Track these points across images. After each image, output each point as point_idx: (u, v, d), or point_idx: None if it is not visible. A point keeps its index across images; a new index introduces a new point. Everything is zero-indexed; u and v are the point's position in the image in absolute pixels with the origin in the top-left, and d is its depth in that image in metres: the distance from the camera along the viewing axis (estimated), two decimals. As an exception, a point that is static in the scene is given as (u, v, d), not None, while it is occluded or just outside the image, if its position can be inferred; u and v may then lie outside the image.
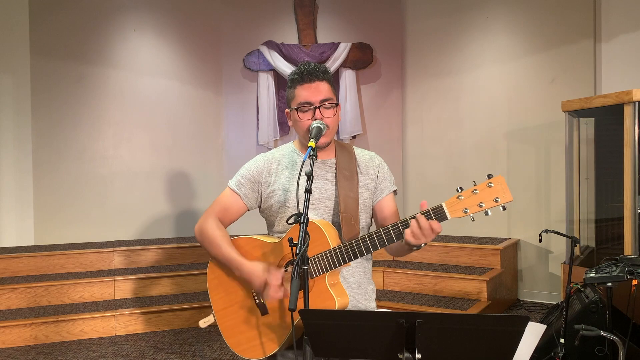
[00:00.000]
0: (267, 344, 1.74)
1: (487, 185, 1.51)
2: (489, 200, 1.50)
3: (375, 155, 1.95)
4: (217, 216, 1.89)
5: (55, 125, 5.11)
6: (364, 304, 1.84)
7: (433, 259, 4.88)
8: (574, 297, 3.05)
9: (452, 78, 5.40)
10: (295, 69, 1.83)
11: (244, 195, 1.88)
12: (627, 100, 3.60)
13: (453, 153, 5.41)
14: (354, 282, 1.82)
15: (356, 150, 1.92)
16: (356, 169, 1.86)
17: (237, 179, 1.90)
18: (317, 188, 1.79)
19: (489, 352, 1.27)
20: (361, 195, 1.83)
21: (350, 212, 1.77)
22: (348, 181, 1.81)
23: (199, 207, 5.56)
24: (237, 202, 1.89)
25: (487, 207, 1.50)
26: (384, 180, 1.90)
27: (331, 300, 1.64)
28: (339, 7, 5.59)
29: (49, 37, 5.08)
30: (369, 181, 1.87)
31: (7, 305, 4.24)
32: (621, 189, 3.68)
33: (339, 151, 1.88)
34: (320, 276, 1.67)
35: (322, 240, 1.66)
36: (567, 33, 4.76)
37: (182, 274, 4.73)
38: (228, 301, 1.84)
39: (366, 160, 1.90)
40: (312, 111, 1.76)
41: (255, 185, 1.88)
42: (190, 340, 4.09)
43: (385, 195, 1.88)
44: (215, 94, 5.63)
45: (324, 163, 1.85)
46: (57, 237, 5.10)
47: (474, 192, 1.52)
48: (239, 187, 1.89)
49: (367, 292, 1.86)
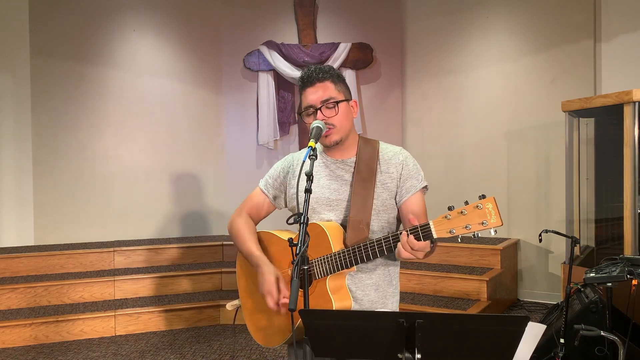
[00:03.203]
0: (276, 336, 1.81)
1: (475, 206, 1.43)
2: (476, 223, 1.43)
3: (400, 151, 1.84)
4: (248, 212, 1.95)
5: (55, 125, 5.11)
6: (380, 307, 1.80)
7: (433, 259, 4.88)
8: (574, 297, 3.05)
9: (452, 78, 5.40)
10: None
11: (271, 196, 1.93)
12: (627, 100, 3.60)
13: (453, 153, 5.41)
14: (371, 285, 1.78)
15: (381, 147, 1.84)
16: (376, 168, 1.79)
17: (265, 179, 1.95)
18: (334, 190, 1.78)
19: (489, 352, 1.27)
20: (378, 196, 1.76)
21: (360, 216, 1.73)
22: (364, 181, 1.76)
23: (199, 207, 5.56)
24: (265, 202, 1.94)
25: (474, 230, 1.44)
26: (409, 178, 1.78)
27: (329, 304, 1.66)
28: (339, 7, 5.59)
29: (49, 37, 5.08)
30: (389, 180, 1.78)
31: (7, 305, 4.24)
32: (621, 189, 3.68)
33: (363, 148, 1.82)
34: (322, 278, 1.69)
35: (325, 245, 1.68)
36: (567, 33, 4.76)
37: (182, 274, 4.74)
38: (248, 290, 1.93)
39: (389, 158, 1.81)
40: (315, 113, 1.76)
41: (282, 186, 1.91)
42: (190, 340, 4.09)
43: (411, 194, 1.77)
44: (215, 94, 5.63)
45: (344, 163, 1.82)
46: (57, 237, 5.10)
47: (461, 212, 1.44)
48: (267, 187, 1.93)
49: (385, 295, 1.81)
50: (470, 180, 5.28)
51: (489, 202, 1.42)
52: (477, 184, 5.15)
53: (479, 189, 3.84)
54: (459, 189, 5.30)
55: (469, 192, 4.87)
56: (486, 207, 1.42)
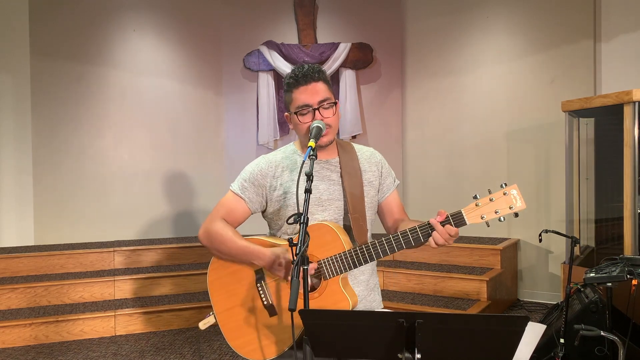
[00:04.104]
0: (277, 344, 1.76)
1: (503, 193, 1.60)
2: (505, 207, 1.59)
3: (374, 150, 1.96)
4: (222, 218, 1.87)
5: (55, 125, 5.11)
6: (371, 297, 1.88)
7: (433, 259, 4.88)
8: (574, 297, 3.05)
9: (452, 78, 5.40)
10: (289, 72, 1.81)
11: (248, 200, 1.86)
12: (627, 100, 3.60)
13: (453, 153, 5.41)
14: (364, 280, 1.84)
15: (356, 147, 1.93)
16: (359, 167, 1.86)
17: (240, 183, 1.87)
18: (325, 189, 1.80)
19: (489, 352, 1.27)
20: (367, 194, 1.85)
21: (359, 212, 1.78)
22: (353, 180, 1.82)
23: (199, 207, 5.56)
24: (241, 206, 1.86)
25: (502, 214, 1.60)
26: (388, 176, 1.92)
27: (345, 301, 1.67)
28: (339, 7, 5.59)
29: (49, 37, 5.08)
30: (373, 178, 1.89)
31: (7, 305, 4.24)
32: (621, 189, 3.68)
33: (341, 150, 1.88)
34: (333, 278, 1.70)
35: (336, 243, 1.69)
36: (567, 33, 4.76)
37: (182, 274, 4.74)
38: (231, 303, 1.84)
39: (368, 157, 1.91)
40: (312, 113, 1.75)
41: (260, 190, 1.85)
42: (190, 340, 4.09)
43: (391, 192, 1.92)
44: (215, 94, 5.63)
45: (329, 163, 1.85)
46: (57, 237, 5.10)
47: (490, 199, 1.60)
48: (243, 191, 1.86)
49: (374, 286, 1.91)
50: (470, 180, 5.27)
51: (513, 189, 1.60)
52: (477, 184, 5.15)
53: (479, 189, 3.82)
54: (459, 189, 5.30)
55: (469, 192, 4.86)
56: (511, 193, 1.59)
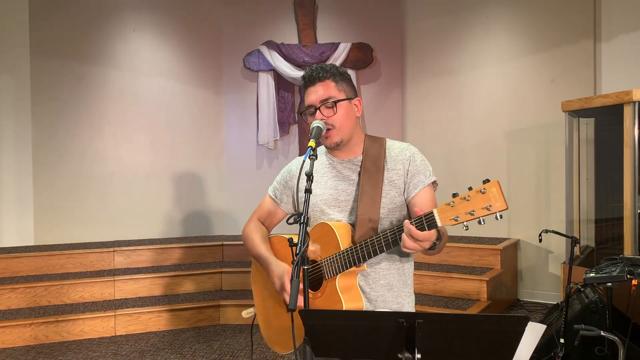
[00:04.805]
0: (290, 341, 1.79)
1: (479, 191, 1.38)
2: (480, 208, 1.37)
3: (407, 147, 1.83)
4: (258, 219, 1.97)
5: (55, 125, 5.11)
6: (395, 308, 1.76)
7: (433, 259, 4.88)
8: (574, 297, 3.05)
9: (452, 78, 5.40)
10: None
11: (279, 201, 1.93)
12: (627, 100, 3.60)
13: (453, 153, 5.41)
14: (385, 285, 1.75)
15: (388, 144, 1.83)
16: (383, 166, 1.76)
17: (274, 185, 1.96)
18: (342, 190, 1.77)
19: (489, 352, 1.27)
20: (386, 194, 1.74)
21: (369, 214, 1.70)
22: (372, 180, 1.74)
23: (199, 207, 5.56)
24: (274, 208, 1.95)
25: (479, 216, 1.38)
26: (417, 174, 1.77)
27: (339, 304, 1.65)
28: (339, 7, 5.59)
29: (49, 37, 5.08)
30: (396, 177, 1.76)
31: (7, 305, 4.24)
32: (621, 189, 3.68)
33: (369, 147, 1.81)
34: (331, 278, 1.68)
35: (334, 243, 1.68)
36: (567, 33, 4.76)
37: (182, 274, 4.74)
38: (263, 295, 1.92)
39: (395, 154, 1.80)
40: (316, 113, 1.75)
41: (289, 191, 1.91)
42: (190, 340, 4.09)
43: (419, 189, 1.76)
44: (215, 94, 5.63)
45: (351, 162, 1.80)
46: (57, 237, 5.10)
47: (465, 198, 1.39)
48: (275, 192, 1.94)
49: (400, 295, 1.77)
50: (471, 181, 5.21)
51: (492, 186, 1.37)
52: (477, 184, 5.12)
53: (479, 189, 3.83)
54: (459, 189, 5.23)
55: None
56: (490, 190, 1.37)
